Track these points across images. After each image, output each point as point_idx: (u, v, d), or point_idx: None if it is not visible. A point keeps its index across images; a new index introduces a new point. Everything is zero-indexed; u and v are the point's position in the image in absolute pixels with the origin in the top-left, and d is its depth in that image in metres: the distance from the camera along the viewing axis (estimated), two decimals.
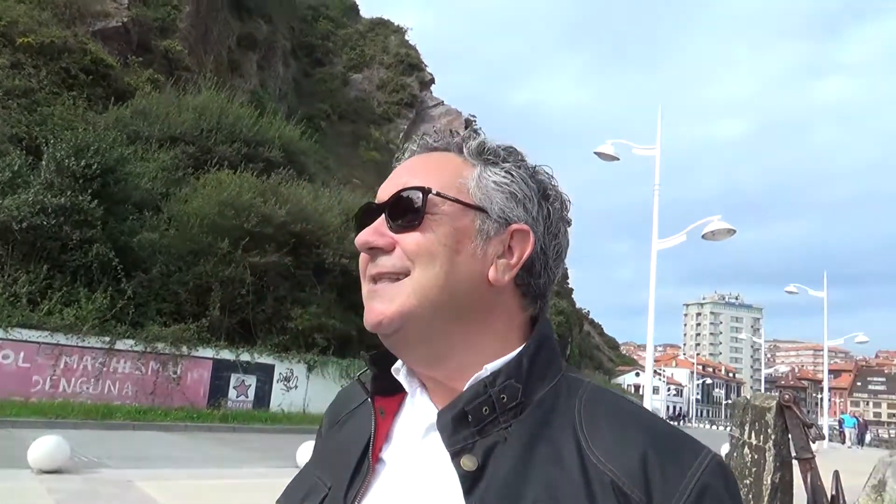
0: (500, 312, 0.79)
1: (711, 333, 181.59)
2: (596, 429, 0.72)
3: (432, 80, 54.31)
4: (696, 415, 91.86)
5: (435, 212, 0.76)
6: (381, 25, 57.11)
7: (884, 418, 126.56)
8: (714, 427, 70.10)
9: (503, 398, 0.74)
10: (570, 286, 52.89)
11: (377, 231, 0.78)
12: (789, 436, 6.86)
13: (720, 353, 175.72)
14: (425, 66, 54.51)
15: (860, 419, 41.70)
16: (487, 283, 0.77)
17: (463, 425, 0.73)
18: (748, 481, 5.74)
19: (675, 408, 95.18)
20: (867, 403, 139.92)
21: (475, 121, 53.61)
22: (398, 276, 0.76)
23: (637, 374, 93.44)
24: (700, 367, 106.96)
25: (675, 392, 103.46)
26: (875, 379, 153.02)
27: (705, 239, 14.59)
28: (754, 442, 6.96)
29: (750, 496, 5.55)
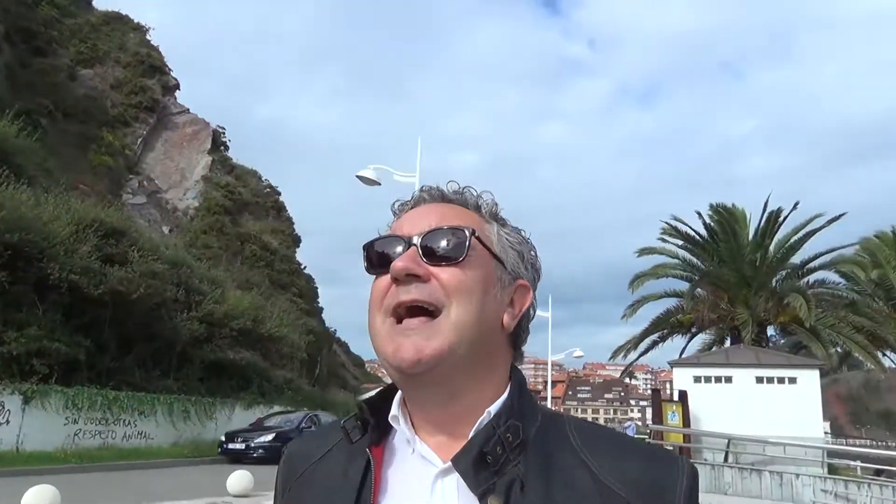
0: (501, 356, 0.86)
1: None
2: (597, 453, 0.80)
3: (177, 86, 50.75)
4: None
5: (472, 254, 0.81)
6: (118, 20, 52.11)
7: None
8: None
9: (509, 437, 0.78)
10: (319, 305, 52.57)
11: (414, 260, 0.80)
12: None
13: None
14: (169, 69, 50.84)
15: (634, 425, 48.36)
16: (501, 326, 0.84)
17: (482, 467, 0.76)
18: None
19: None
20: (577, 410, 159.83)
21: (224, 132, 51.23)
22: (432, 307, 0.79)
23: None
24: None
25: None
26: (583, 388, 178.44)
27: None
28: None
29: None
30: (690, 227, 26.41)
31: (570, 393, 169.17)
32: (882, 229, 26.88)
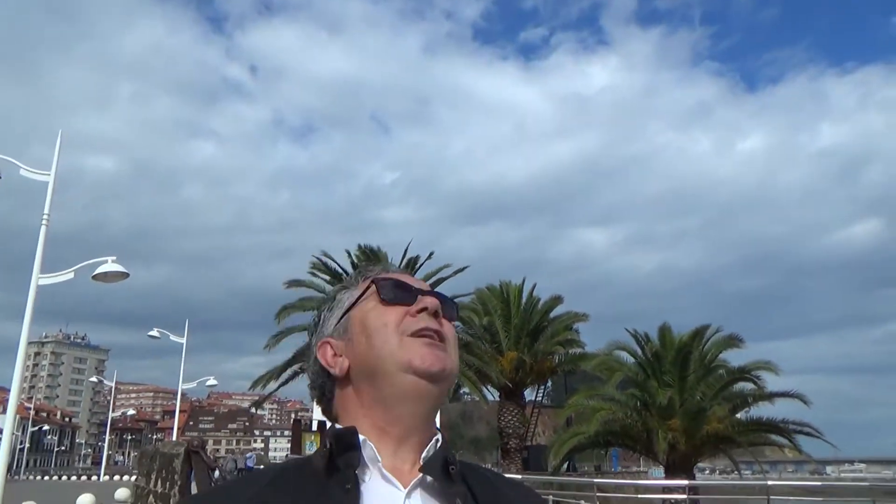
0: None
1: (50, 375, 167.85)
2: (505, 483, 0.99)
3: None
4: (25, 466, 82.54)
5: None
6: None
7: (209, 451, 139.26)
8: (46, 478, 64.27)
9: (453, 455, 0.93)
10: None
11: (439, 306, 0.98)
12: (193, 480, 7.19)
13: (57, 397, 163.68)
14: None
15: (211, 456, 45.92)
16: None
17: (447, 476, 0.89)
18: None
19: None
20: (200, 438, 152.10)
21: None
22: (444, 344, 0.97)
23: None
24: (34, 413, 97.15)
25: None
26: (206, 418, 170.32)
27: (96, 280, 13.91)
28: (160, 490, 7.01)
29: None
30: (339, 265, 27.66)
31: (191, 423, 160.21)
32: (491, 283, 31.70)
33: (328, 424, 0.99)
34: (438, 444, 0.91)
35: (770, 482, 18.34)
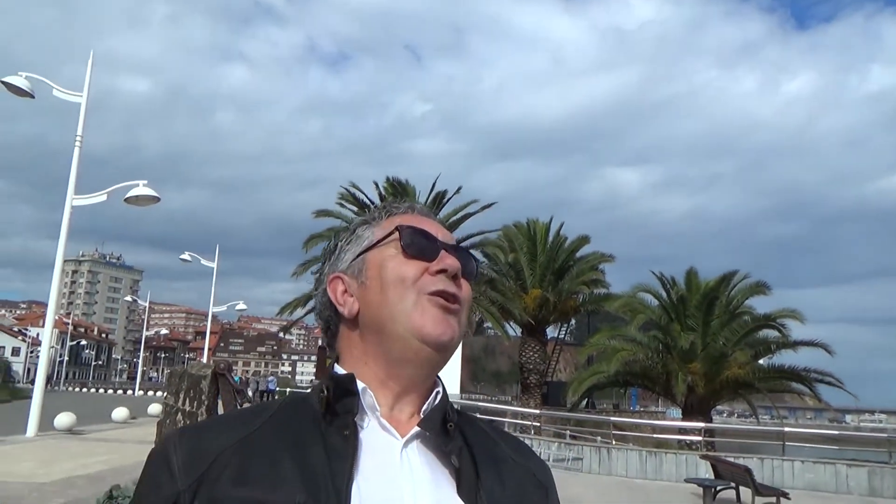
0: None
1: (87, 293, 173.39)
2: (502, 437, 0.99)
3: None
4: (65, 378, 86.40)
5: None
6: None
7: (239, 373, 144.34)
8: (84, 390, 67.22)
9: (453, 409, 0.93)
10: None
11: (460, 267, 0.94)
12: (220, 401, 7.47)
13: (94, 314, 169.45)
14: None
15: (242, 377, 47.88)
16: None
17: (444, 432, 0.89)
18: None
19: (36, 370, 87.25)
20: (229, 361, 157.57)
21: None
22: (459, 305, 0.92)
23: None
24: (72, 328, 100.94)
25: (38, 354, 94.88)
26: (236, 340, 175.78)
27: (128, 203, 14.16)
28: (188, 408, 7.31)
29: None
30: (366, 196, 27.71)
31: (221, 344, 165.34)
32: (519, 220, 31.52)
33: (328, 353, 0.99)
34: (438, 397, 0.91)
35: (786, 428, 18.47)
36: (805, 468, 14.80)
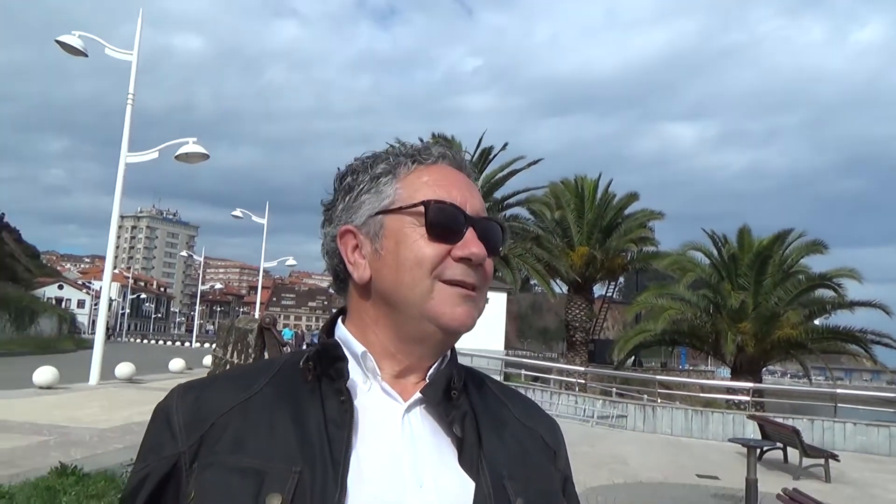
0: None
1: (146, 247, 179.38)
2: (509, 398, 0.96)
3: None
4: (127, 329, 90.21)
5: None
6: None
7: (291, 327, 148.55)
8: (145, 341, 70.08)
9: (459, 378, 0.89)
10: None
11: (484, 250, 0.86)
12: (266, 354, 7.65)
13: (153, 268, 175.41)
14: None
15: (297, 332, 49.25)
16: None
17: (447, 399, 0.86)
18: None
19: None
20: (280, 316, 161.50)
21: None
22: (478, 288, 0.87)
23: (60, 287, 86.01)
24: (132, 282, 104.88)
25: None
26: (288, 295, 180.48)
27: (178, 160, 14.46)
28: (235, 360, 7.52)
29: None
30: None
31: (274, 299, 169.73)
32: (566, 177, 31.05)
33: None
34: (445, 361, 0.89)
35: (839, 390, 18.06)
36: (857, 430, 14.49)
